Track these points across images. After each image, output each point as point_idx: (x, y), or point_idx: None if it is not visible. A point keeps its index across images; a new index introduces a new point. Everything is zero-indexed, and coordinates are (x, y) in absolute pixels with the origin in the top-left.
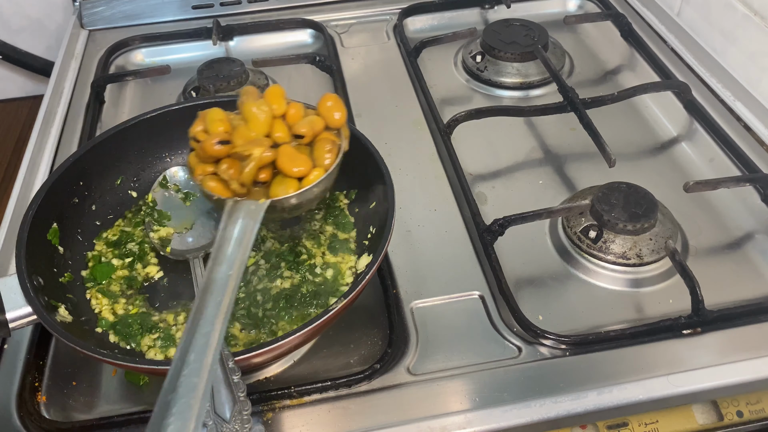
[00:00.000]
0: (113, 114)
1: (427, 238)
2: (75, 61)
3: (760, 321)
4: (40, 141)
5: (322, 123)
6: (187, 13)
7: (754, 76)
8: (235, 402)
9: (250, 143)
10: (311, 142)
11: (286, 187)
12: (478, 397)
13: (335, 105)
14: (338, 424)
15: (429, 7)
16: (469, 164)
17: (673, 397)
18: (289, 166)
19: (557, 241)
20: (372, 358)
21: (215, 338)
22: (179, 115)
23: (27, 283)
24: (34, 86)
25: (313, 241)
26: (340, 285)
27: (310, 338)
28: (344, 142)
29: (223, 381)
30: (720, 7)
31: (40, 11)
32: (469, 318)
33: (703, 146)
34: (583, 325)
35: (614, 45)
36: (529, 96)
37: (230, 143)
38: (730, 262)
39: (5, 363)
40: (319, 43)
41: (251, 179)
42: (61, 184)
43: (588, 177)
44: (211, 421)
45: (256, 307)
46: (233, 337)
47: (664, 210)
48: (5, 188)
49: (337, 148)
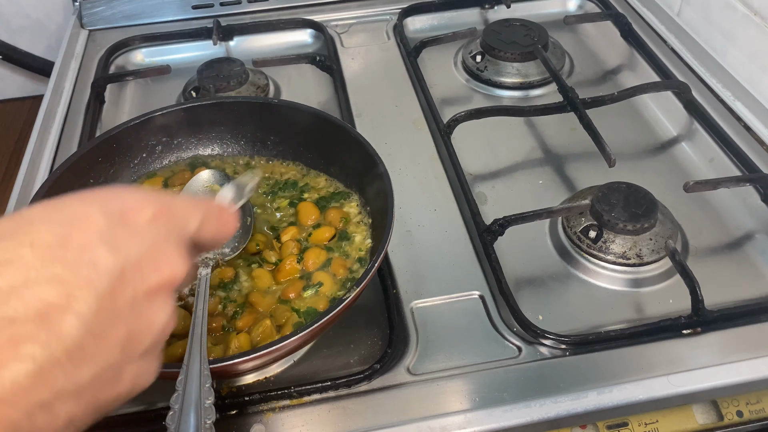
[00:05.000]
0: (113, 114)
1: (427, 238)
2: (75, 61)
3: (760, 321)
4: (40, 141)
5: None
6: (187, 13)
7: (754, 76)
8: (201, 430)
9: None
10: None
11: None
12: (478, 397)
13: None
14: (338, 424)
15: (429, 7)
16: (469, 164)
17: (673, 397)
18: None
19: (557, 241)
20: (372, 358)
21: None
22: (180, 115)
23: None
24: (34, 86)
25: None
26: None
27: (310, 339)
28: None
29: (193, 404)
30: (720, 7)
31: (40, 11)
32: (469, 318)
33: (703, 146)
34: (583, 325)
35: (614, 45)
36: (529, 96)
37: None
38: (730, 262)
39: None
40: (319, 43)
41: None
42: (61, 185)
43: (588, 177)
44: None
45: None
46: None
47: (664, 210)
48: (5, 188)
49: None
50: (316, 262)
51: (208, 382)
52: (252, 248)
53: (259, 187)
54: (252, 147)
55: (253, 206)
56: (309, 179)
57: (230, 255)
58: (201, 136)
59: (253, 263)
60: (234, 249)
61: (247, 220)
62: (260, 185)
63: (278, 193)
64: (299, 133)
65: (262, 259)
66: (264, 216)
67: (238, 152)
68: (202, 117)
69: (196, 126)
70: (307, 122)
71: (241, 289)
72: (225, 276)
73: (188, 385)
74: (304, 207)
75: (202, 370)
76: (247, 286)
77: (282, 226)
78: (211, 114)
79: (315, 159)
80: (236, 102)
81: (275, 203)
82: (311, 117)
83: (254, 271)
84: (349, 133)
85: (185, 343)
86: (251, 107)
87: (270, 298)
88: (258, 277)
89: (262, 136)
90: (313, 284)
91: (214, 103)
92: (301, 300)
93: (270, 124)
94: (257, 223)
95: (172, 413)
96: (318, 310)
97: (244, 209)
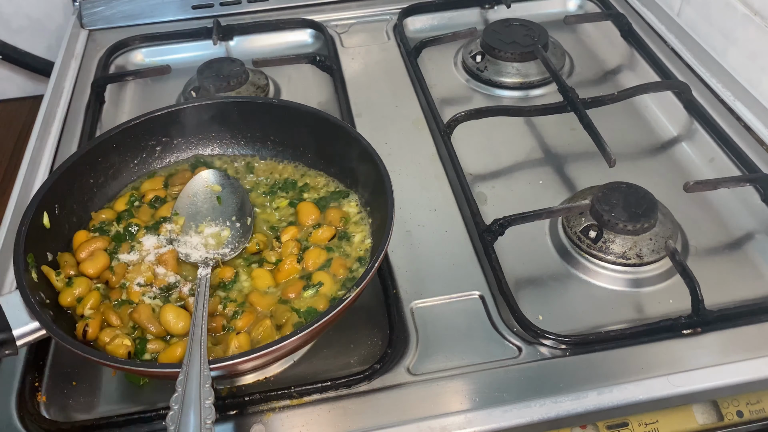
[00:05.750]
0: (113, 114)
1: (427, 238)
2: (75, 61)
3: (760, 321)
4: (40, 141)
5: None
6: (187, 13)
7: (754, 76)
8: (201, 430)
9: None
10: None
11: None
12: (478, 397)
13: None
14: (338, 424)
15: (429, 7)
16: (469, 164)
17: (673, 397)
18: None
19: (557, 241)
20: (372, 358)
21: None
22: (180, 115)
23: (31, 298)
24: (34, 86)
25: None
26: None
27: (310, 339)
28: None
29: (193, 404)
30: (720, 7)
31: (40, 11)
32: (469, 318)
33: (703, 146)
34: (583, 325)
35: (614, 45)
36: (529, 96)
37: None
38: (730, 262)
39: (5, 363)
40: (319, 43)
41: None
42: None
43: (588, 177)
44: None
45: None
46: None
47: (664, 210)
48: (5, 188)
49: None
50: (316, 262)
51: (208, 382)
52: (252, 248)
53: (259, 187)
54: (252, 147)
55: (253, 206)
56: (309, 179)
57: (230, 255)
58: (201, 136)
59: (253, 263)
60: (234, 249)
61: (247, 220)
62: (260, 185)
63: (278, 193)
64: (299, 133)
65: (262, 259)
66: (264, 216)
67: (238, 152)
68: (202, 117)
69: (196, 126)
70: (306, 122)
71: (241, 289)
72: (225, 276)
73: (188, 385)
74: (303, 207)
75: (202, 370)
76: (247, 286)
77: (282, 226)
78: (211, 114)
79: (315, 159)
80: (236, 102)
81: (275, 203)
82: (311, 117)
83: (254, 271)
84: (349, 133)
85: (185, 343)
86: (251, 107)
87: (270, 298)
88: (258, 277)
89: (262, 136)
90: (313, 284)
91: (214, 103)
92: (301, 300)
93: (270, 124)
94: (257, 223)
95: (172, 413)
96: (318, 310)
97: (244, 209)
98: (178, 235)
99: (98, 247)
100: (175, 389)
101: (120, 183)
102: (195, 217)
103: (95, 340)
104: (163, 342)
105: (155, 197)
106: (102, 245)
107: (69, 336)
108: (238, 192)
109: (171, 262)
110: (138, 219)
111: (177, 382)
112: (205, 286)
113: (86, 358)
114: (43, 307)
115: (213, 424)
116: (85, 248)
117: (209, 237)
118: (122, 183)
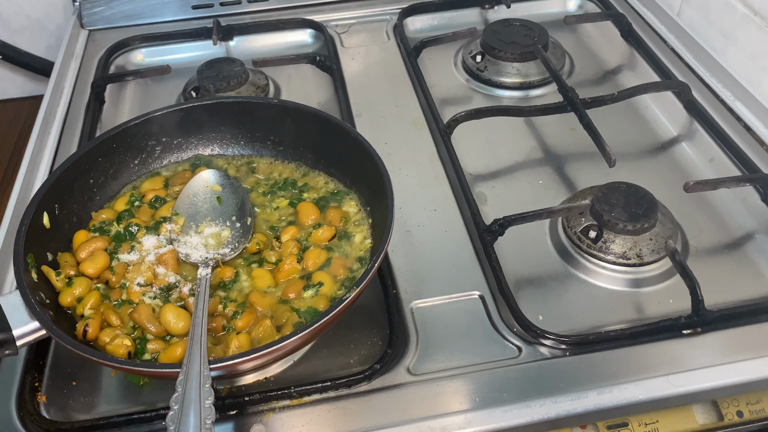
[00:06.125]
0: (113, 114)
1: (427, 238)
2: (75, 61)
3: (760, 321)
4: (40, 141)
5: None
6: (187, 13)
7: (754, 76)
8: (201, 430)
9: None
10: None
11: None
12: (478, 397)
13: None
14: (338, 424)
15: (429, 7)
16: (469, 164)
17: (673, 397)
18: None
19: (557, 241)
20: (372, 358)
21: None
22: (180, 115)
23: (31, 298)
24: (34, 86)
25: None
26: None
27: (310, 339)
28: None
29: (193, 404)
30: (720, 7)
31: (40, 11)
32: (469, 318)
33: (703, 146)
34: (583, 325)
35: (614, 45)
36: (529, 96)
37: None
38: (730, 262)
39: (5, 363)
40: (319, 43)
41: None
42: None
43: (588, 177)
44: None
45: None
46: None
47: (664, 210)
48: (5, 188)
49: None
50: (316, 262)
51: (208, 382)
52: (252, 248)
53: (259, 187)
54: (252, 147)
55: (253, 206)
56: (308, 179)
57: (230, 255)
58: (201, 136)
59: (253, 263)
60: (234, 249)
61: (247, 220)
62: (260, 185)
63: (278, 192)
64: (299, 133)
65: (262, 259)
66: (264, 216)
67: (238, 152)
68: (202, 117)
69: (196, 126)
70: (307, 122)
71: (241, 289)
72: (225, 276)
73: (188, 385)
74: (303, 207)
75: (202, 370)
76: (247, 286)
77: (282, 226)
78: (211, 114)
79: (315, 159)
80: (236, 102)
81: (275, 203)
82: (311, 117)
83: (254, 271)
84: (349, 132)
85: (185, 343)
86: (251, 107)
87: (270, 298)
88: (258, 277)
89: (262, 136)
90: (313, 284)
91: (214, 103)
92: (301, 300)
93: (270, 124)
94: (257, 223)
95: (172, 413)
96: (318, 310)
97: (244, 209)
98: (178, 235)
99: (98, 247)
100: (175, 389)
101: (120, 183)
102: (195, 217)
103: (95, 340)
104: (163, 342)
105: (155, 197)
106: (102, 245)
107: (69, 336)
108: (238, 192)
109: (171, 262)
110: (138, 219)
111: (177, 382)
112: (205, 286)
113: (86, 358)
114: (43, 307)
115: (213, 424)
116: (85, 248)
117: (209, 237)
118: (122, 183)
